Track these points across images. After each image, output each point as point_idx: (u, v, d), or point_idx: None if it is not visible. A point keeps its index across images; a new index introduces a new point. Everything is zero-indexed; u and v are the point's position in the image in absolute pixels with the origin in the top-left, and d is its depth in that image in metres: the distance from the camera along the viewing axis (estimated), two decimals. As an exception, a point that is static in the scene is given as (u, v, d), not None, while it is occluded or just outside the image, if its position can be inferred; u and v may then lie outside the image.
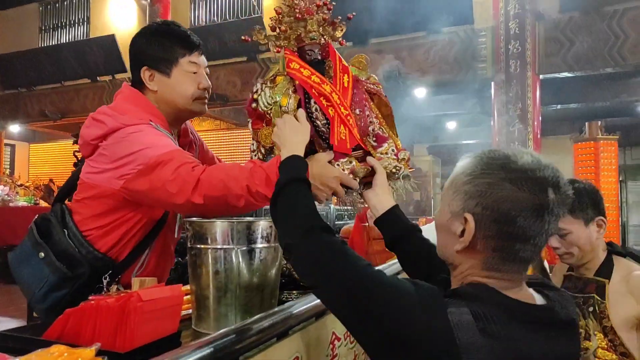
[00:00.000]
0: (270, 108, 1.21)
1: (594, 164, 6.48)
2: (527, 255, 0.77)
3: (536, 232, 0.76)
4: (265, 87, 1.26)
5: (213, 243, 1.06)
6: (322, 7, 1.27)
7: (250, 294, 1.06)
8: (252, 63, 8.36)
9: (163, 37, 1.35)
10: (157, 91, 1.35)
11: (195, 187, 1.10)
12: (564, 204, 0.77)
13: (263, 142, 1.23)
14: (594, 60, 6.25)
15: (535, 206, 0.74)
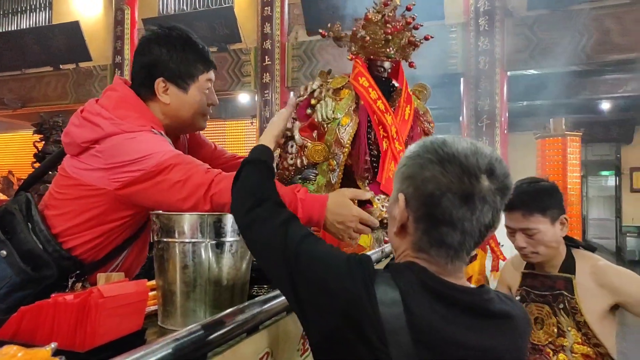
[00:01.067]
0: (328, 122, 1.11)
1: (562, 159, 6.70)
2: (454, 241, 0.76)
3: (463, 218, 0.74)
4: (328, 96, 1.15)
5: (181, 236, 1.02)
6: (410, 25, 1.21)
7: (219, 289, 1.03)
8: (223, 53, 8.23)
9: (186, 52, 1.29)
10: (169, 104, 1.30)
11: (207, 190, 1.09)
12: (501, 195, 0.76)
13: (311, 157, 1.14)
14: (560, 57, 6.42)
15: (460, 191, 0.74)
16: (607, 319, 1.40)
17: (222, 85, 8.19)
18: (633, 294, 1.36)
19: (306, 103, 1.18)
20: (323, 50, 7.65)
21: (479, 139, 6.69)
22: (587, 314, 1.40)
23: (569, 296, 1.43)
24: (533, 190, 1.47)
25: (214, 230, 1.03)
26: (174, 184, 1.11)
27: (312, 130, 1.17)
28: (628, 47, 6.11)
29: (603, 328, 1.39)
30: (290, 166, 1.18)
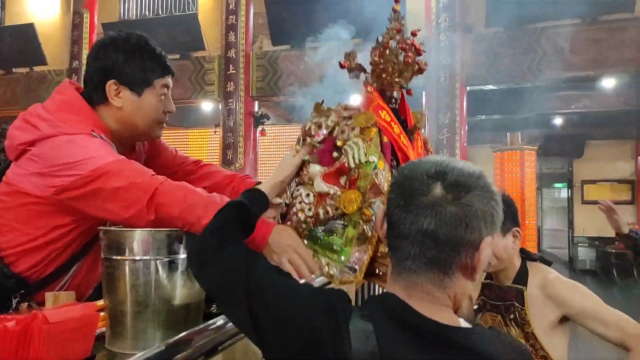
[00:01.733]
0: (360, 167, 0.99)
1: (520, 172, 6.94)
2: (398, 247, 0.73)
3: (400, 220, 0.72)
4: (356, 136, 1.03)
5: (130, 254, 0.97)
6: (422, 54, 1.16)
7: (172, 309, 0.98)
8: (186, 61, 8.08)
9: (142, 56, 1.26)
10: (122, 108, 1.25)
11: (151, 198, 1.02)
12: (454, 204, 0.71)
13: (343, 207, 0.99)
14: (515, 74, 6.67)
15: (404, 192, 0.73)
16: (555, 331, 1.43)
17: (184, 93, 8.03)
18: (576, 305, 1.39)
19: (330, 145, 1.06)
20: (287, 61, 7.65)
21: (439, 151, 6.84)
22: (535, 325, 1.42)
23: (520, 307, 1.46)
24: None
25: (165, 247, 0.98)
26: (113, 191, 1.04)
27: (340, 176, 1.03)
28: (579, 66, 6.42)
29: (551, 340, 1.41)
30: (308, 218, 1.04)
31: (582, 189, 12.26)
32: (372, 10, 6.57)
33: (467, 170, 0.74)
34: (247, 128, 7.70)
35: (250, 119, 7.73)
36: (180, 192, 1.05)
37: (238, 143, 7.63)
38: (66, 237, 1.16)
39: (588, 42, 6.38)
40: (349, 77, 1.20)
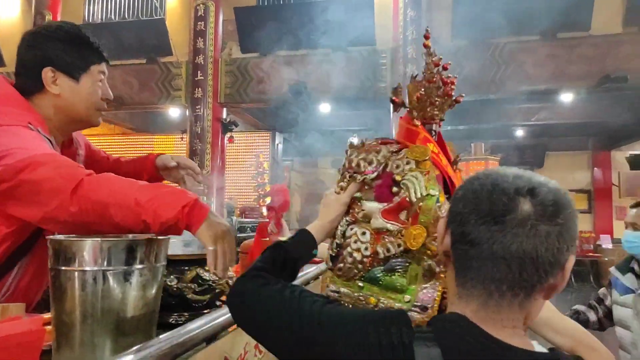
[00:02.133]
0: (422, 201, 0.95)
1: None
2: (483, 271, 0.67)
3: (491, 239, 0.66)
4: (414, 170, 0.98)
5: (78, 264, 0.93)
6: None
7: (123, 320, 0.95)
8: (153, 65, 7.95)
9: (77, 43, 1.27)
10: (60, 95, 1.24)
11: (75, 189, 0.98)
12: (547, 221, 0.66)
13: (409, 243, 0.94)
14: (480, 85, 6.87)
15: (488, 209, 0.67)
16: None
17: (150, 97, 7.89)
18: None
19: (387, 181, 1.01)
20: (257, 68, 7.63)
21: (407, 160, 6.96)
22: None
23: None
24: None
25: (115, 256, 0.94)
26: (39, 182, 1.01)
27: (400, 211, 0.98)
28: (540, 79, 6.68)
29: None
30: (365, 258, 0.98)
31: (542, 198, 12.66)
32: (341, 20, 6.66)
33: (554, 186, 0.69)
34: (215, 134, 7.62)
35: (218, 126, 7.66)
36: (109, 178, 1.04)
37: (205, 149, 7.54)
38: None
39: (548, 57, 6.65)
40: (393, 111, 1.16)
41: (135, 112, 10.09)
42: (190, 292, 1.34)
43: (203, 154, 7.57)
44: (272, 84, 7.55)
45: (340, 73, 7.34)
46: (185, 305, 1.34)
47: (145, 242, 1.01)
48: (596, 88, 6.51)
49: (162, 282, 1.12)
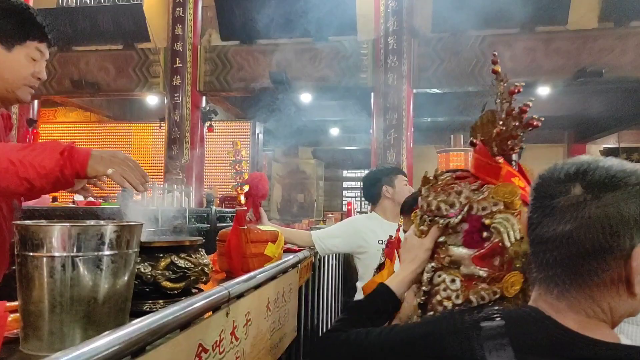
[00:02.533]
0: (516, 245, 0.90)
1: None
2: (542, 257, 0.67)
3: (544, 227, 0.66)
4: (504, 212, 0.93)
5: (46, 250, 0.90)
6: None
7: (93, 308, 0.92)
8: (130, 51, 7.77)
9: (20, 16, 1.26)
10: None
11: None
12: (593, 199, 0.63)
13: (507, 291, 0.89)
14: (459, 78, 6.93)
15: (543, 194, 0.69)
16: None
17: (127, 84, 7.72)
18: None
19: (476, 225, 0.95)
20: (238, 56, 7.53)
21: (387, 151, 6.98)
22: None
23: None
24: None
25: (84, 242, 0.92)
26: None
27: (493, 257, 0.92)
28: (517, 72, 6.76)
29: None
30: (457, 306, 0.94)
31: (519, 189, 12.91)
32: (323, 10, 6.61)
33: (617, 167, 0.65)
34: (194, 123, 7.52)
35: (198, 114, 7.55)
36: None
37: (184, 138, 7.43)
38: None
39: (525, 50, 6.73)
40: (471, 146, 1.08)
41: (112, 99, 9.88)
42: (165, 279, 1.32)
43: (182, 143, 7.46)
44: (252, 73, 7.47)
45: (321, 63, 7.30)
46: (159, 293, 1.32)
47: (116, 227, 0.98)
48: (572, 81, 6.63)
49: (135, 269, 1.10)
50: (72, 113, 11.01)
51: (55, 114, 11.11)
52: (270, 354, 1.69)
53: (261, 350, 1.58)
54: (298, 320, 2.21)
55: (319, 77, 7.29)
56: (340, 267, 3.44)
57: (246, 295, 1.41)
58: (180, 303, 1.05)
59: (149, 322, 0.88)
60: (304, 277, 2.34)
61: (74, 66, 7.86)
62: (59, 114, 11.12)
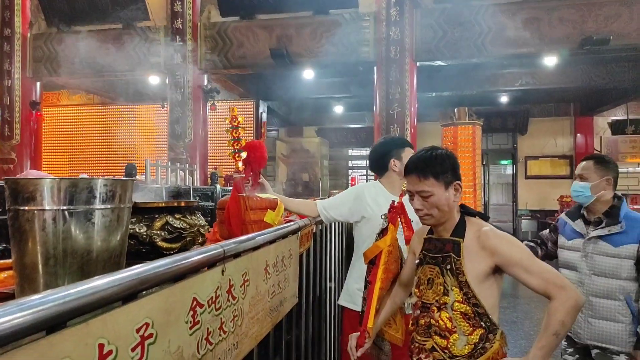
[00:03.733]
0: None
1: (472, 145, 7.18)
2: None
3: None
4: None
5: (37, 204, 0.91)
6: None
7: (87, 261, 0.93)
8: (129, 31, 7.71)
9: None
10: None
11: None
12: None
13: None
14: (463, 50, 6.82)
15: None
16: (487, 281, 1.49)
17: (128, 65, 7.68)
18: (506, 254, 1.46)
19: None
20: (238, 32, 7.45)
21: (390, 126, 6.94)
22: (468, 274, 1.48)
23: (456, 258, 1.51)
24: (429, 156, 1.55)
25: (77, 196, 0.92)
26: None
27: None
28: (521, 43, 6.64)
29: (483, 289, 1.48)
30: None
31: (525, 164, 12.85)
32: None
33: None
34: (196, 102, 7.49)
35: (199, 93, 7.52)
36: None
37: (187, 118, 7.42)
38: None
39: (530, 19, 6.59)
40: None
41: (114, 80, 9.84)
42: (160, 239, 1.33)
43: (185, 123, 7.45)
44: (253, 49, 7.40)
45: (322, 37, 7.21)
46: (156, 253, 1.34)
47: (106, 181, 0.99)
48: (578, 50, 6.51)
49: (128, 224, 1.11)
50: (75, 96, 11.02)
51: (59, 96, 11.12)
52: (269, 316, 1.70)
53: (260, 312, 1.60)
54: (300, 287, 2.22)
55: (320, 52, 7.21)
56: (343, 238, 3.45)
57: (243, 255, 1.41)
58: (174, 256, 1.05)
59: (139, 271, 0.88)
60: (305, 245, 2.35)
61: (74, 47, 7.82)
62: (63, 97, 11.13)
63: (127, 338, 0.82)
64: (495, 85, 9.54)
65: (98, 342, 0.74)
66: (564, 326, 1.37)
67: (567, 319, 1.37)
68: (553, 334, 1.37)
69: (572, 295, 1.38)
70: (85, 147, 10.63)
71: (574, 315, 1.39)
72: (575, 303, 1.38)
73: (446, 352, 1.49)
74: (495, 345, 1.47)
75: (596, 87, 9.68)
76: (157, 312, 0.93)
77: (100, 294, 0.76)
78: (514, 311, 5.78)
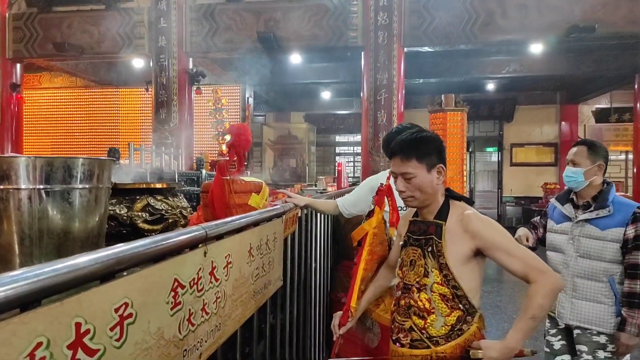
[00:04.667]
0: None
1: (460, 132, 7.21)
2: None
3: None
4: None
5: (12, 182, 0.88)
6: None
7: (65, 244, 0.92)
8: (112, 12, 7.54)
9: None
10: None
11: None
12: None
13: None
14: (451, 36, 6.80)
15: None
16: (468, 264, 1.50)
17: (111, 46, 7.53)
18: (488, 238, 1.47)
19: None
20: (224, 15, 7.33)
21: (377, 112, 6.93)
22: (449, 257, 1.49)
23: (437, 240, 1.52)
24: (413, 138, 1.55)
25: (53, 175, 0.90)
26: None
27: None
28: (509, 30, 6.65)
29: (463, 272, 1.49)
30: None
31: (511, 151, 12.97)
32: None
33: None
34: (181, 86, 7.38)
35: (185, 77, 7.40)
36: None
37: (172, 102, 7.31)
38: None
39: (517, 6, 6.60)
40: None
41: (97, 62, 9.65)
42: (141, 220, 1.31)
43: (170, 107, 7.34)
44: (240, 33, 7.29)
45: (310, 22, 7.13)
46: (137, 235, 1.32)
47: (83, 160, 0.96)
48: (564, 38, 6.54)
49: (107, 205, 1.09)
50: (57, 78, 10.78)
51: (40, 79, 10.87)
52: (253, 299, 1.70)
53: (244, 294, 1.59)
54: (285, 270, 2.22)
55: (308, 36, 7.13)
56: (329, 222, 3.46)
57: (226, 238, 1.41)
58: (154, 237, 1.04)
59: (117, 250, 0.87)
60: (290, 228, 2.34)
61: (55, 28, 7.63)
62: (44, 79, 10.88)
63: (105, 317, 0.81)
64: (483, 73, 9.57)
65: (74, 320, 0.73)
66: (541, 309, 1.39)
67: (545, 302, 1.38)
68: (531, 317, 1.39)
69: (551, 280, 1.40)
70: (68, 130, 10.45)
71: (552, 299, 1.41)
72: (554, 287, 1.40)
73: (424, 332, 1.51)
74: (472, 328, 1.48)
75: (582, 76, 9.76)
76: (137, 292, 0.92)
77: (75, 272, 0.75)
78: (497, 295, 5.88)
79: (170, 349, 1.06)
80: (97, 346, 0.78)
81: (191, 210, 1.42)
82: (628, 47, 8.34)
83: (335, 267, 3.74)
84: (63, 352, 0.70)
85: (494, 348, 1.40)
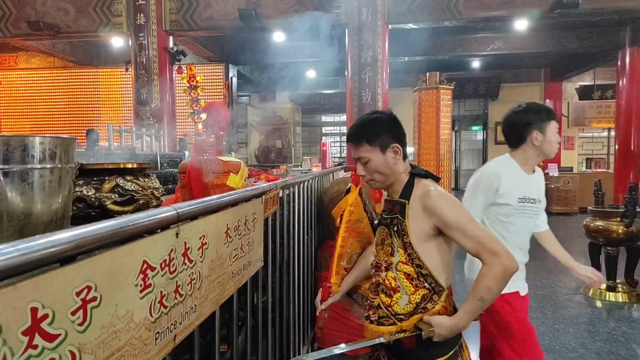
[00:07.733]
0: None
1: (435, 110, 7.18)
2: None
3: None
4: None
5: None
6: None
7: (26, 224, 0.88)
8: (88, -11, 7.29)
9: None
10: None
11: None
12: None
13: None
14: (435, 12, 6.72)
15: None
16: (432, 241, 1.48)
17: (89, 25, 7.30)
18: (443, 216, 1.44)
19: None
20: (204, -8, 7.14)
21: (362, 91, 6.87)
22: (412, 235, 1.48)
23: (401, 219, 1.51)
24: (360, 123, 1.56)
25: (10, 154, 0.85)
26: None
27: None
28: (493, 6, 6.59)
29: (427, 250, 1.48)
30: None
31: (495, 130, 13.04)
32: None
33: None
34: (162, 65, 7.21)
35: (165, 56, 7.23)
36: None
37: (153, 82, 7.15)
38: None
39: (502, -19, 6.53)
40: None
41: (75, 42, 9.39)
42: (111, 202, 1.27)
43: (151, 87, 7.19)
44: (220, 10, 7.12)
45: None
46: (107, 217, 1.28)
47: (42, 139, 0.92)
48: (549, 14, 6.51)
49: (72, 186, 1.05)
50: (34, 59, 10.48)
51: (17, 59, 10.55)
52: (232, 280, 1.69)
53: (221, 275, 1.57)
54: (266, 251, 2.21)
55: (291, 13, 7.00)
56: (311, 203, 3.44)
57: (201, 218, 1.38)
58: (120, 219, 1.01)
59: (79, 232, 0.84)
60: (271, 208, 2.32)
61: (29, 6, 7.37)
62: (20, 60, 10.57)
63: (66, 301, 0.78)
64: (468, 50, 9.53)
65: (30, 305, 0.70)
66: (489, 292, 1.38)
67: (493, 284, 1.37)
68: (478, 299, 1.38)
69: (502, 262, 1.38)
70: (47, 112, 10.21)
71: (502, 281, 1.39)
72: (505, 270, 1.38)
73: (389, 309, 1.53)
74: (437, 306, 1.48)
75: (566, 52, 9.77)
76: (102, 275, 0.89)
77: (30, 255, 0.71)
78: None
79: (142, 331, 1.04)
80: (57, 331, 0.76)
81: (163, 191, 1.38)
82: (612, 23, 8.35)
83: (319, 246, 3.75)
84: (18, 338, 0.67)
85: (444, 326, 1.41)
